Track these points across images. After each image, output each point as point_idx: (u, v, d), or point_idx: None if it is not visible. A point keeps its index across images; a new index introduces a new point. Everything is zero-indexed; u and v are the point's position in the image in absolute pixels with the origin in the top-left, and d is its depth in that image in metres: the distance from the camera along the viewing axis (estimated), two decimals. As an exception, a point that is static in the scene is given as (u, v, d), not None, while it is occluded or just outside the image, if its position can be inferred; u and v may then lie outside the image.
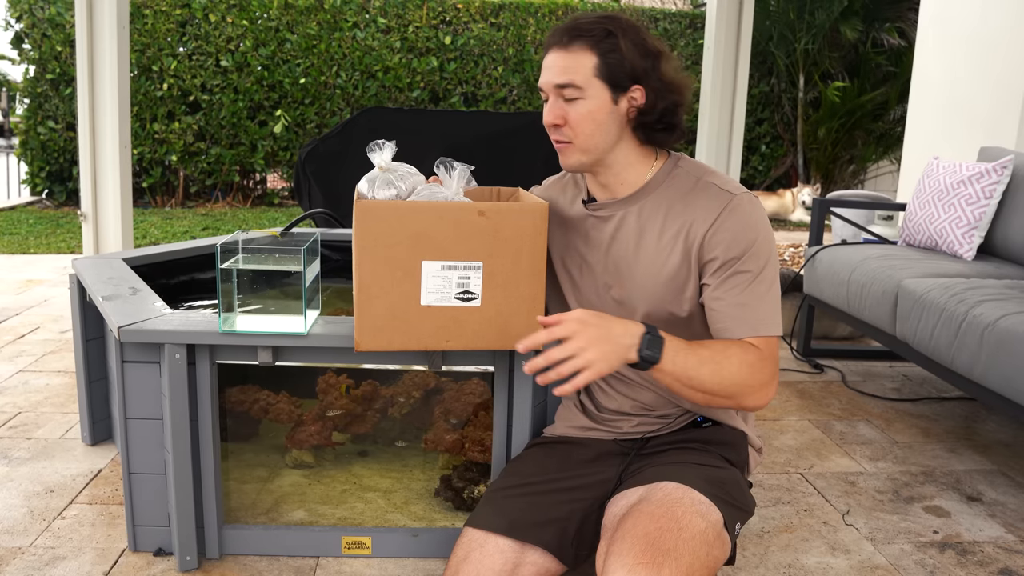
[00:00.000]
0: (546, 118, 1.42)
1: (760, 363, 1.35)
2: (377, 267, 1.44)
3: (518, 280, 1.48)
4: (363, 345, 1.49)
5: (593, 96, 1.38)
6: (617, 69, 1.37)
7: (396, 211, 1.43)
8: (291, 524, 1.83)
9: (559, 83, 1.39)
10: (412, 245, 1.44)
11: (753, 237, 1.38)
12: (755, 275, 1.38)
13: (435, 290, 1.47)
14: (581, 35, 1.38)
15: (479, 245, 1.45)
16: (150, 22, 7.65)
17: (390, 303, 1.47)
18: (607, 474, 1.52)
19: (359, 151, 3.78)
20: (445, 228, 1.44)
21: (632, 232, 1.46)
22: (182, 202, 8.09)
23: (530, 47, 8.36)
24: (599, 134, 1.40)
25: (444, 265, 1.46)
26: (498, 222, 1.45)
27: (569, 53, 1.39)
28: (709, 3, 4.07)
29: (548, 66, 1.42)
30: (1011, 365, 2.06)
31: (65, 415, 2.56)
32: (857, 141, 8.74)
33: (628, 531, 1.25)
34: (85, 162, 3.51)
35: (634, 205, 1.46)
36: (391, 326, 1.48)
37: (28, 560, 1.76)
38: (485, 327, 1.50)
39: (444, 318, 1.49)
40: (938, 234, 3.07)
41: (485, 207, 1.45)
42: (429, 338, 1.50)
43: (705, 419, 1.57)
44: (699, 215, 1.40)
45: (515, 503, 1.45)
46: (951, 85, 4.75)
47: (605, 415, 1.60)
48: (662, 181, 1.46)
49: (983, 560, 1.88)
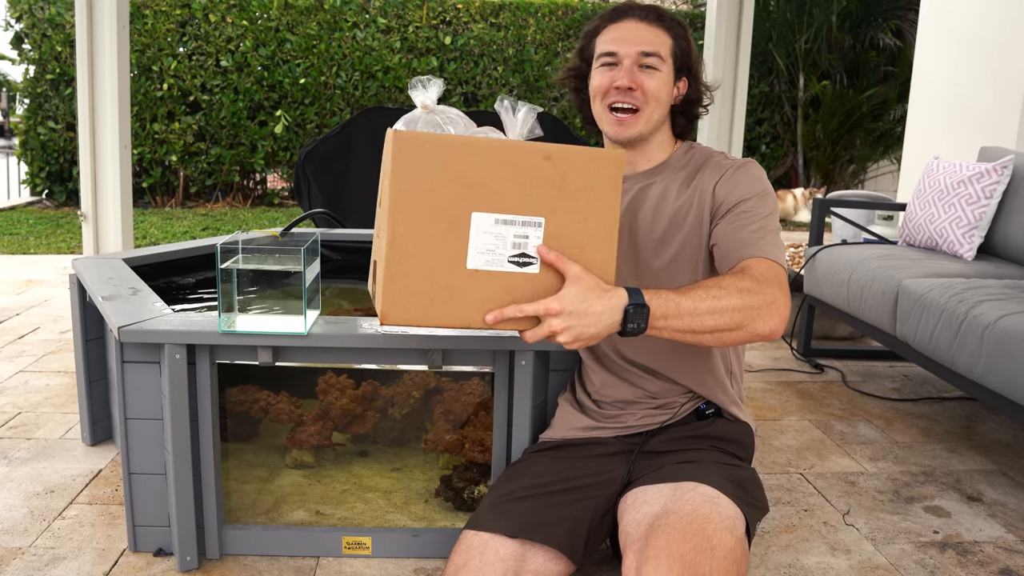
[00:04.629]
0: (622, 81, 1.47)
1: (759, 285, 1.30)
2: (416, 216, 1.15)
3: (583, 242, 1.21)
4: (390, 317, 1.17)
5: (666, 72, 1.49)
6: (683, 57, 1.51)
7: (444, 147, 1.15)
8: (291, 524, 1.83)
9: (647, 51, 1.47)
10: (461, 191, 1.16)
11: (760, 188, 1.48)
12: (761, 216, 1.45)
13: (485, 250, 1.18)
14: (663, 17, 1.50)
15: (542, 197, 1.19)
16: (150, 22, 7.65)
17: (428, 264, 1.17)
18: (615, 472, 1.52)
19: (359, 151, 3.79)
20: (503, 173, 1.17)
21: (653, 198, 1.54)
22: (182, 202, 8.09)
23: (530, 47, 8.36)
24: (661, 108, 1.51)
25: (499, 219, 1.18)
26: (566, 169, 1.19)
27: (653, 28, 1.49)
28: (709, 3, 4.07)
29: (628, 35, 1.48)
30: (1011, 365, 2.06)
31: (65, 415, 2.56)
32: (857, 141, 8.74)
33: (662, 550, 1.25)
34: (85, 162, 3.51)
35: (655, 177, 1.56)
36: (428, 293, 1.17)
37: (28, 560, 1.76)
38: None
39: (494, 287, 1.19)
40: (938, 234, 3.07)
41: (552, 149, 1.18)
42: (474, 311, 1.19)
43: (708, 404, 1.58)
44: (709, 174, 1.51)
45: (521, 506, 1.44)
46: (951, 85, 4.75)
47: (607, 410, 1.60)
48: (680, 159, 1.57)
49: (983, 560, 1.88)
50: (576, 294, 1.18)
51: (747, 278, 1.30)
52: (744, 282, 1.29)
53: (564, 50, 8.37)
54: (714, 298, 1.25)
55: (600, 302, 1.19)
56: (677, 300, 1.24)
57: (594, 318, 1.19)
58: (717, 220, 1.48)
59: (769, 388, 3.04)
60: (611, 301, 1.20)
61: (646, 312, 1.21)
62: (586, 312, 1.18)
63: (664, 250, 1.52)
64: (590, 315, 1.18)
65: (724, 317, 1.25)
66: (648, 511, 1.37)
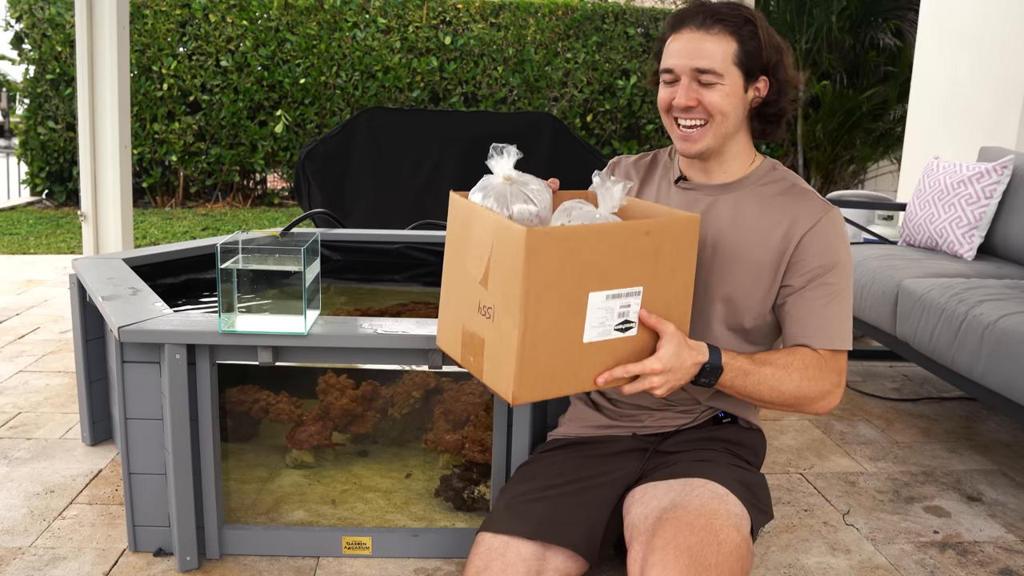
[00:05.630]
0: (679, 101, 1.40)
1: (821, 374, 1.41)
2: (545, 306, 1.21)
3: (670, 301, 1.32)
4: (521, 399, 1.25)
5: (730, 82, 1.39)
6: (754, 58, 1.40)
7: (566, 240, 1.21)
8: (291, 524, 1.83)
9: (700, 68, 1.38)
10: (580, 276, 1.23)
11: (844, 252, 1.43)
12: (839, 290, 1.42)
13: (598, 323, 1.27)
14: (722, 19, 1.38)
15: (640, 268, 1.28)
16: (150, 22, 7.65)
17: (554, 347, 1.24)
18: (628, 469, 1.52)
19: (359, 151, 3.79)
20: (612, 253, 1.25)
21: (727, 214, 1.47)
22: (182, 202, 8.09)
23: (530, 47, 8.36)
24: (731, 120, 1.42)
25: (609, 295, 1.27)
26: (660, 241, 1.28)
27: (710, 36, 1.38)
28: (709, 3, 4.06)
29: (684, 48, 1.39)
30: (1011, 365, 2.06)
31: (65, 415, 2.56)
32: (857, 141, 8.74)
33: (669, 541, 1.26)
34: (85, 162, 3.51)
35: (731, 193, 1.49)
36: (552, 371, 1.26)
37: (28, 560, 1.76)
38: (637, 358, 1.31)
39: (603, 353, 1.29)
40: (938, 234, 3.07)
41: (650, 226, 1.27)
42: (587, 377, 1.29)
43: (726, 414, 1.58)
44: (801, 215, 1.43)
45: (536, 507, 1.44)
46: (951, 85, 4.75)
47: (624, 410, 1.59)
48: (761, 177, 1.49)
49: (983, 560, 1.88)
50: (673, 352, 1.29)
51: (812, 366, 1.41)
52: (809, 370, 1.40)
53: (564, 50, 8.37)
54: (777, 380, 1.39)
55: (690, 358, 1.31)
56: (746, 371, 1.37)
57: (684, 372, 1.31)
58: (797, 278, 1.43)
59: (769, 388, 3.04)
60: (697, 357, 1.32)
61: (719, 373, 1.35)
62: (679, 367, 1.30)
63: (729, 277, 1.46)
64: (682, 370, 1.31)
65: (782, 398, 1.40)
66: (656, 504, 1.38)
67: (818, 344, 1.42)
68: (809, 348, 1.43)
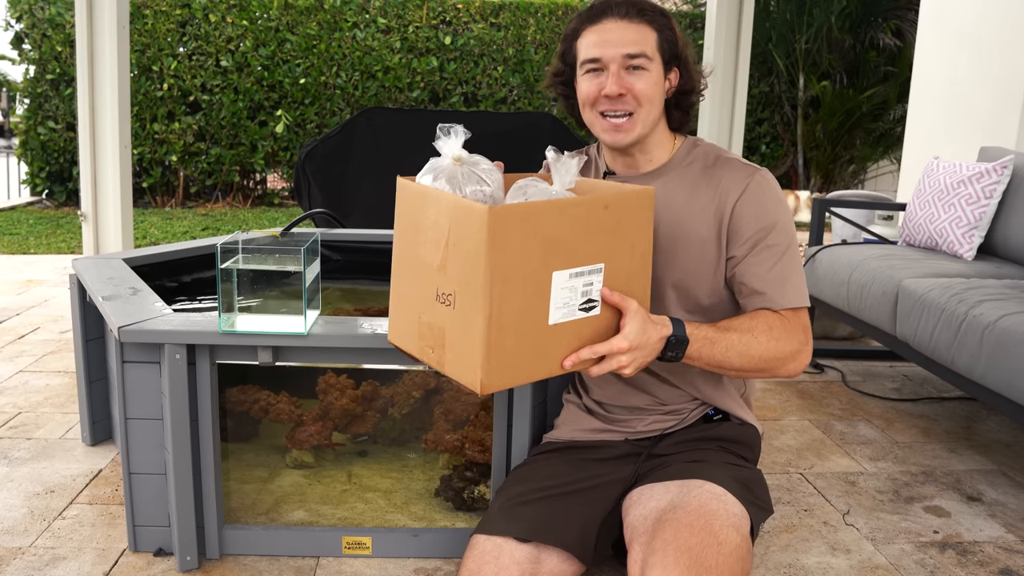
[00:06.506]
0: (611, 88, 1.41)
1: (787, 334, 1.41)
2: (510, 288, 1.16)
3: (630, 276, 1.29)
4: (490, 387, 1.20)
5: (655, 70, 1.42)
6: (670, 48, 1.44)
7: (529, 217, 1.16)
8: (291, 524, 1.83)
9: (632, 52, 1.40)
10: (544, 255, 1.18)
11: (780, 211, 1.44)
12: (784, 249, 1.43)
13: (562, 304, 1.22)
14: (644, 11, 1.42)
15: (601, 243, 1.24)
16: (150, 22, 7.65)
17: (521, 331, 1.19)
18: (623, 472, 1.52)
19: (359, 151, 3.79)
20: (574, 229, 1.20)
21: (659, 201, 1.48)
22: (182, 202, 8.09)
23: (530, 47, 8.36)
24: (655, 108, 1.45)
25: (572, 273, 1.22)
26: (619, 215, 1.25)
27: (634, 25, 1.41)
28: (709, 3, 4.07)
29: (610, 37, 1.41)
30: (1011, 365, 2.06)
31: (65, 415, 2.56)
32: (857, 141, 8.75)
33: (669, 542, 1.27)
34: (85, 162, 3.51)
35: (658, 179, 1.50)
36: (520, 357, 1.21)
37: (28, 560, 1.76)
38: (602, 338, 1.28)
39: (568, 334, 1.24)
40: (938, 234, 3.07)
41: (609, 199, 1.24)
42: (554, 361, 1.25)
43: (716, 411, 1.58)
44: (728, 185, 1.45)
45: (531, 509, 1.44)
46: (951, 85, 4.75)
47: (616, 415, 1.59)
48: (684, 157, 1.51)
49: (983, 560, 1.88)
50: (638, 329, 1.26)
51: (777, 327, 1.41)
52: (775, 331, 1.40)
53: (564, 50, 8.38)
54: (745, 344, 1.37)
55: (655, 333, 1.29)
56: (712, 339, 1.35)
57: (651, 348, 1.29)
58: (739, 247, 1.44)
59: (769, 388, 3.04)
60: (662, 331, 1.31)
61: (684, 344, 1.33)
62: (645, 344, 1.28)
63: (673, 262, 1.47)
64: (648, 346, 1.29)
65: (753, 362, 1.39)
66: (655, 506, 1.38)
67: (776, 305, 1.42)
68: (769, 310, 1.43)
